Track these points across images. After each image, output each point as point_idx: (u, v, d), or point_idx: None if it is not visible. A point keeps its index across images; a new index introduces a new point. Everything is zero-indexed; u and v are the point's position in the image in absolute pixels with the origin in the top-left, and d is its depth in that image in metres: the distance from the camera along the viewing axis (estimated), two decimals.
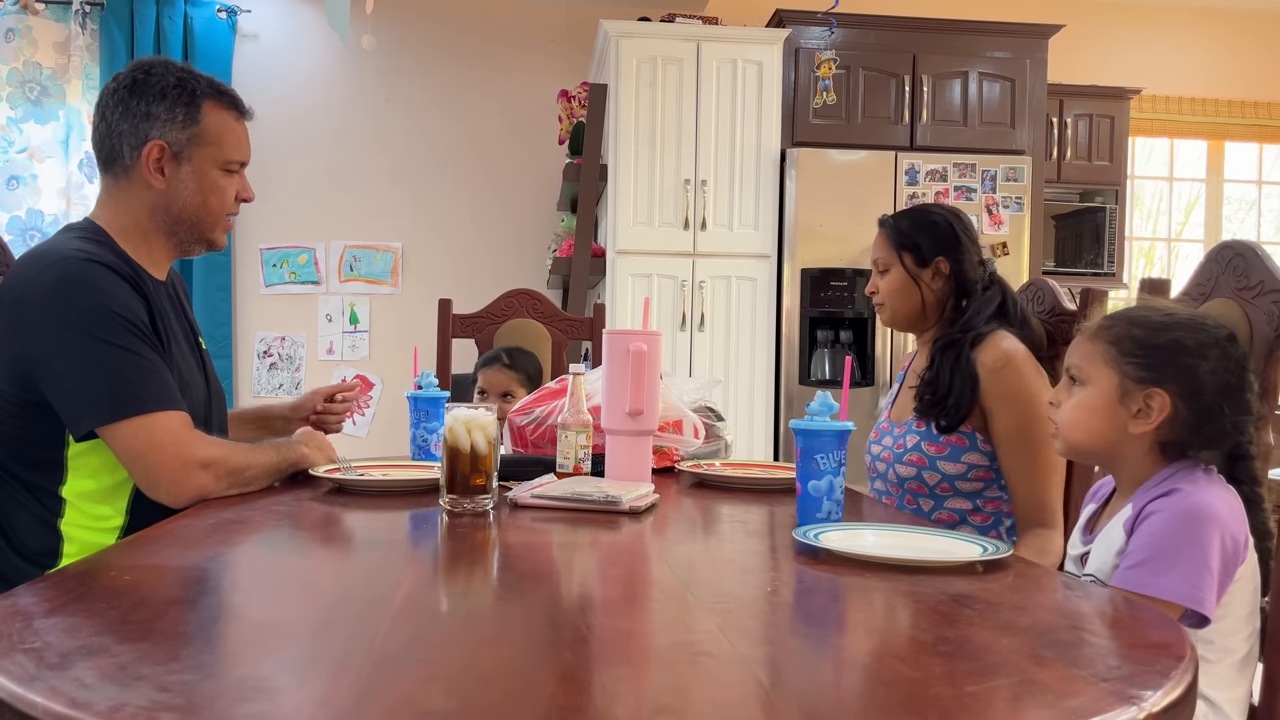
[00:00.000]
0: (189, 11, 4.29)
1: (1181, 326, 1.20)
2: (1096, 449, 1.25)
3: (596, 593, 0.98)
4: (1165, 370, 1.18)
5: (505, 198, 4.56)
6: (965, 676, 0.68)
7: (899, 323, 1.89)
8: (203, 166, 1.51)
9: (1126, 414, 1.20)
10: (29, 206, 4.18)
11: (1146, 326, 1.21)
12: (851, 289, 3.81)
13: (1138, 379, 1.19)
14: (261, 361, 4.45)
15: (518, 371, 2.44)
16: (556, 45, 4.57)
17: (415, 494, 1.46)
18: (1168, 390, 1.17)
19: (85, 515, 1.40)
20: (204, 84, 1.53)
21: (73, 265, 1.38)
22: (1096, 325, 1.26)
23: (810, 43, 3.93)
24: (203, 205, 1.52)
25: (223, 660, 0.71)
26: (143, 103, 1.49)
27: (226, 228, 1.59)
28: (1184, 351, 1.18)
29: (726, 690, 0.66)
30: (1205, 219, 5.19)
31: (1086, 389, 1.23)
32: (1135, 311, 1.26)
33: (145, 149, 1.48)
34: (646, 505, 1.37)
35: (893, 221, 1.89)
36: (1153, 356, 1.19)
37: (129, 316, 1.38)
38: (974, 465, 1.71)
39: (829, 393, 1.27)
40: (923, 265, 1.82)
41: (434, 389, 1.76)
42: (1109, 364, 1.21)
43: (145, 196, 1.50)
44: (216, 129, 1.51)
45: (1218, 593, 1.11)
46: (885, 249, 1.87)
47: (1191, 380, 1.17)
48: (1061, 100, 4.43)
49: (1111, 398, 1.20)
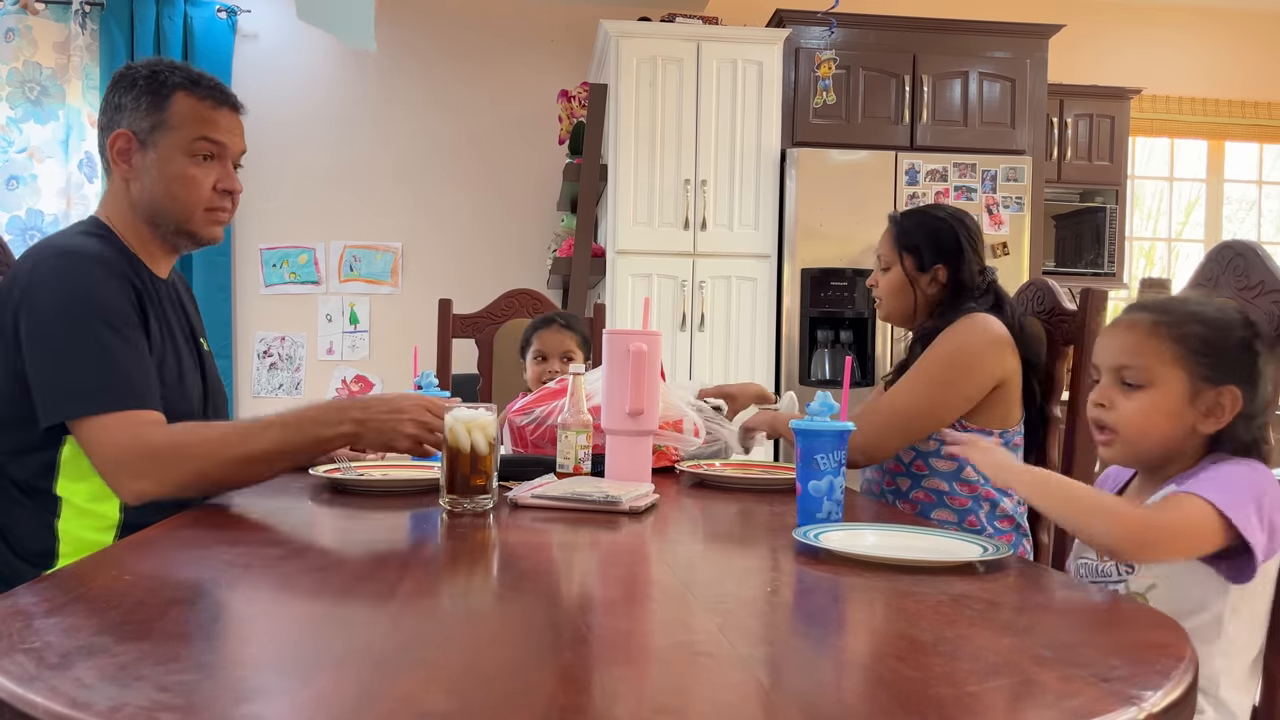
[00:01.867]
0: (189, 11, 4.29)
1: (1239, 325, 1.18)
2: (1160, 452, 1.20)
3: (596, 593, 0.98)
4: (1237, 369, 1.16)
5: (505, 197, 4.56)
6: (965, 677, 0.68)
7: (893, 318, 1.93)
8: (167, 153, 1.48)
9: (1196, 414, 1.16)
10: (29, 206, 4.18)
11: (1209, 324, 1.17)
12: (851, 289, 3.81)
13: (1208, 378, 1.15)
14: (261, 361, 4.45)
15: (575, 333, 2.37)
16: (556, 45, 4.57)
17: (415, 494, 1.46)
18: (1240, 387, 1.15)
19: (82, 515, 1.40)
20: (178, 75, 1.50)
21: (65, 258, 1.39)
22: (1150, 319, 1.19)
23: (810, 43, 3.93)
24: (167, 192, 1.49)
25: (223, 660, 0.71)
26: (115, 95, 1.50)
27: (212, 220, 1.53)
28: (1249, 349, 1.16)
29: (726, 690, 0.65)
30: (1205, 219, 5.19)
31: (1153, 391, 1.17)
32: (1188, 306, 1.21)
33: (110, 138, 1.49)
34: (646, 505, 1.37)
35: (901, 221, 1.90)
36: (1225, 357, 1.16)
37: (111, 305, 1.37)
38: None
39: (829, 393, 1.27)
40: (921, 270, 1.84)
41: (434, 389, 1.76)
42: (1177, 363, 1.16)
43: (123, 190, 1.51)
44: (182, 115, 1.48)
45: (1265, 547, 1.08)
46: (889, 247, 1.89)
47: (1256, 376, 1.16)
48: (1062, 100, 4.42)
49: (1184, 400, 1.16)
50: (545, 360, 2.33)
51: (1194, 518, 1.07)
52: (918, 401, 1.72)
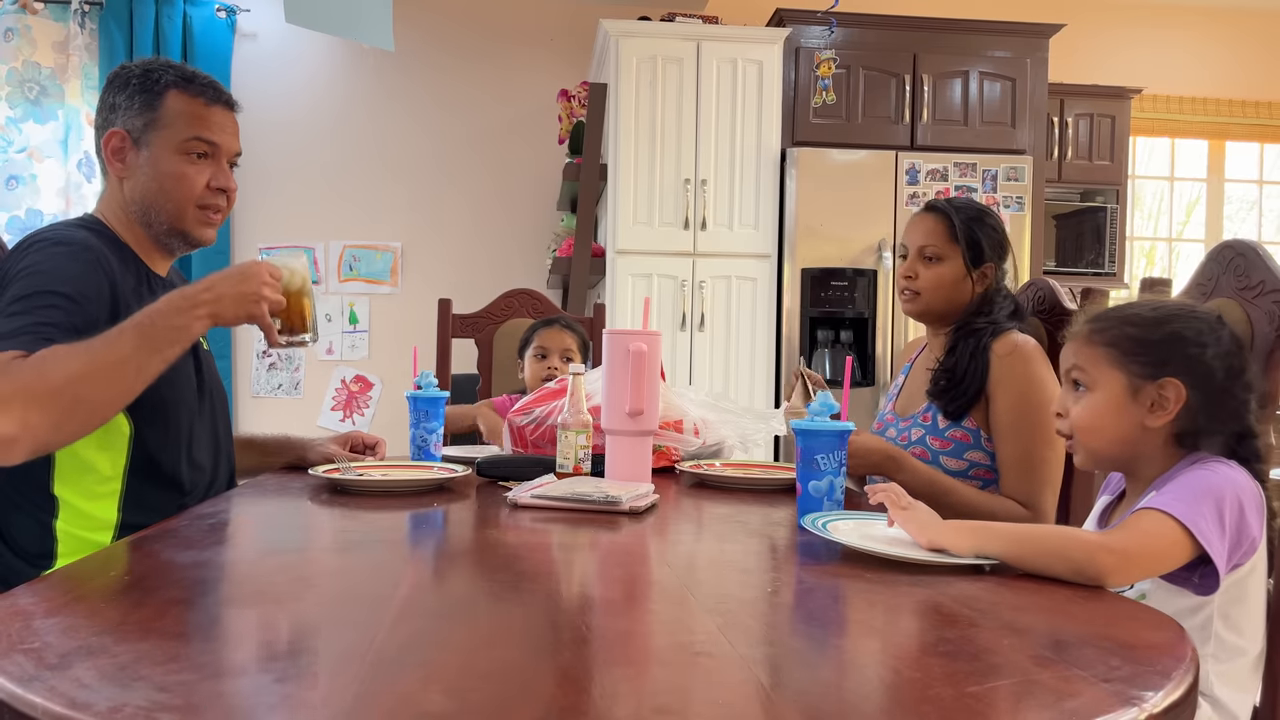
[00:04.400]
0: (188, 11, 4.29)
1: (1175, 318, 1.21)
2: (1116, 451, 1.24)
3: (596, 593, 0.98)
4: (1172, 362, 1.18)
5: (505, 197, 4.56)
6: (966, 677, 0.68)
7: (929, 317, 1.83)
8: (160, 151, 1.48)
9: (1141, 410, 1.19)
10: (28, 206, 4.18)
11: (1140, 324, 1.21)
12: (852, 289, 3.81)
13: (1144, 374, 1.19)
14: (261, 361, 4.44)
15: (576, 334, 2.41)
16: (556, 44, 4.57)
17: (415, 494, 1.46)
18: (1180, 379, 1.17)
19: (79, 515, 1.39)
20: (172, 74, 1.50)
21: (58, 245, 1.38)
22: (1087, 329, 1.25)
23: (810, 42, 3.93)
24: (160, 190, 1.48)
25: (222, 660, 0.71)
26: (110, 95, 1.50)
27: (206, 221, 1.52)
28: (1185, 341, 1.18)
29: (726, 690, 0.65)
30: (1206, 219, 5.19)
31: (1094, 394, 1.23)
32: (1123, 310, 1.26)
33: (105, 137, 1.49)
34: (646, 505, 1.37)
35: (959, 211, 1.79)
36: (1156, 351, 1.19)
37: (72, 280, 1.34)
38: (975, 464, 1.71)
39: (829, 393, 1.27)
40: (976, 265, 1.78)
41: (433, 389, 1.76)
42: (1113, 366, 1.21)
43: (117, 189, 1.51)
44: (175, 113, 1.48)
45: (1226, 556, 1.09)
46: (943, 238, 1.78)
47: (1199, 366, 1.17)
48: (1062, 100, 4.43)
49: (1123, 397, 1.20)
50: (545, 357, 2.35)
51: (1153, 535, 1.07)
52: (1056, 449, 1.65)
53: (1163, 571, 1.10)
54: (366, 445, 1.79)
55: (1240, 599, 1.14)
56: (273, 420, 4.29)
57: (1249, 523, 1.11)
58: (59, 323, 1.28)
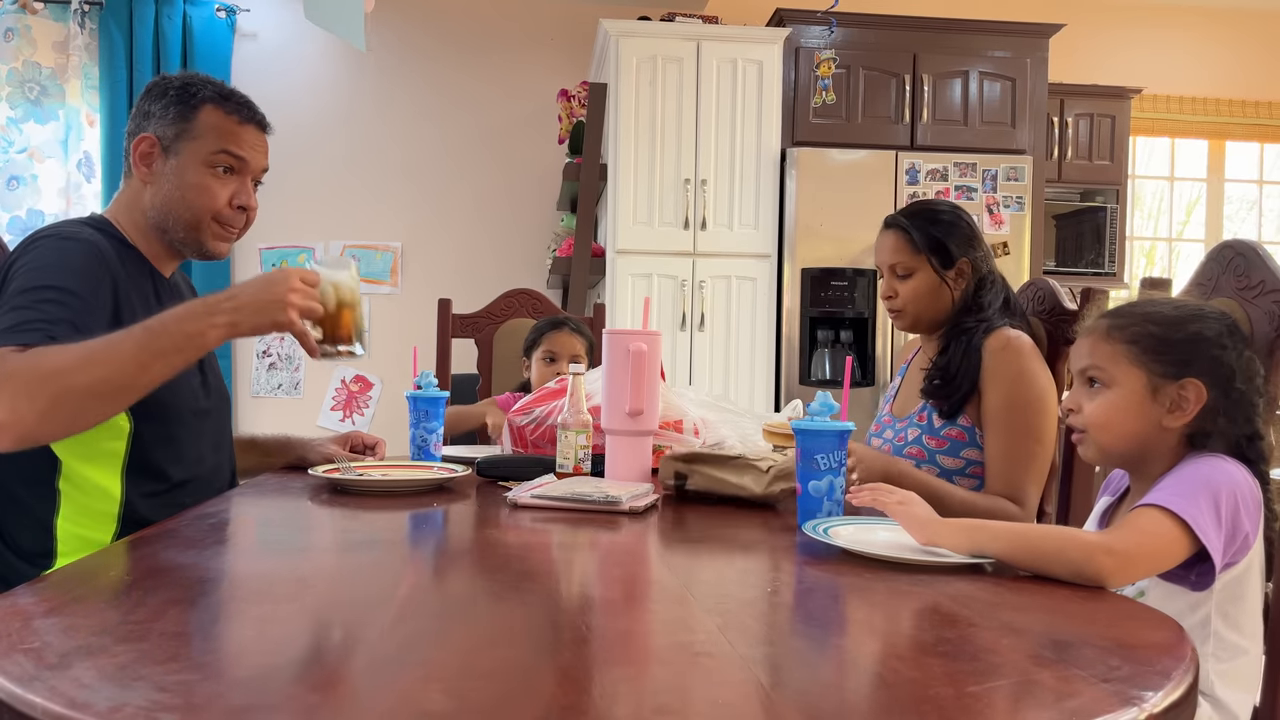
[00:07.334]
0: (188, 11, 4.28)
1: (1195, 319, 1.20)
2: (1129, 449, 1.23)
3: (596, 593, 0.98)
4: (1195, 362, 1.17)
5: (505, 197, 4.56)
6: (966, 677, 0.68)
7: (922, 327, 1.83)
8: (187, 161, 1.50)
9: (1160, 409, 1.18)
10: (29, 206, 4.18)
11: (1163, 322, 1.20)
12: (852, 289, 3.81)
13: (1166, 374, 1.18)
14: (261, 361, 4.44)
15: (584, 338, 2.39)
16: (556, 44, 4.57)
17: (415, 494, 1.46)
18: (1201, 380, 1.17)
19: (81, 513, 1.39)
20: (210, 90, 1.52)
21: (63, 240, 1.39)
22: (1106, 325, 1.23)
23: (810, 42, 3.93)
24: (182, 200, 1.49)
25: (223, 660, 0.71)
26: (146, 102, 1.53)
27: (221, 236, 1.53)
28: (1208, 342, 1.18)
29: (726, 690, 0.65)
30: (1206, 219, 5.19)
31: (1112, 391, 1.21)
32: (1144, 307, 1.25)
33: (134, 141, 1.51)
34: (646, 505, 1.37)
35: (910, 222, 1.80)
36: (1178, 351, 1.18)
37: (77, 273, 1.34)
38: (971, 461, 1.72)
39: (829, 393, 1.27)
40: (948, 266, 1.78)
41: (433, 389, 1.76)
42: (1133, 363, 1.19)
43: (138, 191, 1.52)
44: (208, 126, 1.50)
45: (1222, 551, 1.09)
46: (907, 252, 1.78)
47: (1221, 368, 1.17)
48: (1062, 100, 4.42)
49: (1142, 396, 1.19)
50: (554, 362, 2.33)
51: (1152, 534, 1.07)
52: (1044, 444, 1.67)
53: (1163, 569, 1.10)
54: (366, 445, 1.79)
55: (1238, 597, 1.14)
56: (273, 420, 4.29)
57: (1243, 519, 1.11)
58: (60, 317, 1.28)
